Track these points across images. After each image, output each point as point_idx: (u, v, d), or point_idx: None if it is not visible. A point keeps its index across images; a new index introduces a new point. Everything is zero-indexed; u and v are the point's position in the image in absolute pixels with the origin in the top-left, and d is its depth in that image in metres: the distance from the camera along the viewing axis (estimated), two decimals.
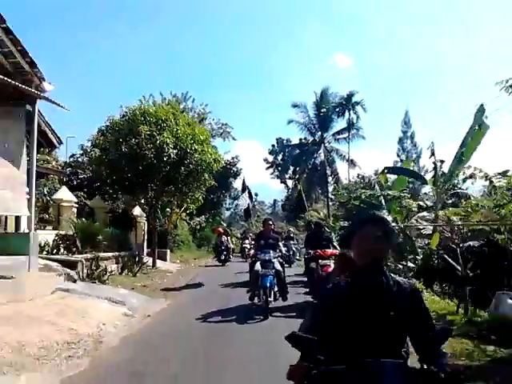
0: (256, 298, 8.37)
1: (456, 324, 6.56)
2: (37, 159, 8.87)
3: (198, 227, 25.34)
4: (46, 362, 4.99)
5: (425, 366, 1.85)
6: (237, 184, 31.54)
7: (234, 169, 28.50)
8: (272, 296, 8.22)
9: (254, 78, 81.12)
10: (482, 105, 11.79)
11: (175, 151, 12.35)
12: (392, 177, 16.82)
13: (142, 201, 15.08)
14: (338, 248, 9.19)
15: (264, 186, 72.05)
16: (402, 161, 41.06)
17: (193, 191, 14.89)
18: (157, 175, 13.00)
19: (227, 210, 40.84)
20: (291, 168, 47.88)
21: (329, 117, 38.97)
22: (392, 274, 2.12)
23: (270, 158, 49.84)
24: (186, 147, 12.64)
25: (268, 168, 50.30)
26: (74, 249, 9.92)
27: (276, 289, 8.45)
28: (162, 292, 10.16)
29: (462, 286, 7.26)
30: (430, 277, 10.78)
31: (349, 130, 38.39)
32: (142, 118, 12.82)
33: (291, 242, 19.89)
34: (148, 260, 14.04)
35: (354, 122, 38.17)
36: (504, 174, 9.10)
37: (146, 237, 16.88)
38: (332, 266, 8.50)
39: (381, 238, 2.03)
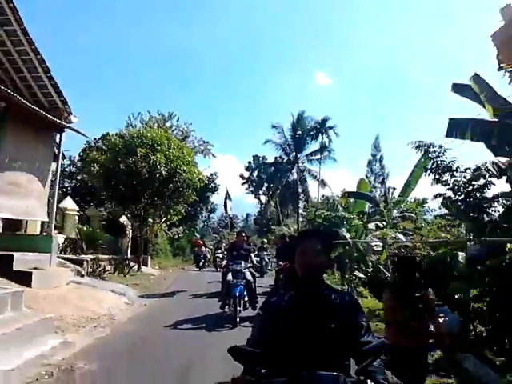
0: (227, 307, 8.62)
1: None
2: None
3: (176, 237, 27.16)
4: (80, 329, 6.93)
5: (362, 378, 1.85)
6: (214, 198, 33.49)
7: (213, 184, 30.49)
8: (242, 305, 8.40)
9: (238, 93, 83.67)
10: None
11: (166, 169, 14.37)
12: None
13: (129, 211, 16.97)
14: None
15: (238, 199, 74.08)
16: (369, 182, 44.25)
17: (177, 205, 16.88)
18: (148, 190, 14.96)
19: (203, 222, 42.73)
20: (265, 184, 50.34)
21: (303, 139, 41.65)
22: (333, 286, 2.26)
23: (246, 174, 52.19)
24: (175, 167, 14.67)
25: (243, 183, 52.61)
26: (79, 250, 11.73)
27: (246, 298, 8.65)
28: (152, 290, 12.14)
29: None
30: (378, 286, 13.04)
31: (321, 152, 41.12)
32: (140, 141, 14.80)
33: (265, 252, 20.57)
34: (134, 264, 15.87)
35: (327, 145, 40.91)
36: (422, 202, 11.45)
37: (130, 243, 18.71)
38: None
39: (320, 251, 2.11)
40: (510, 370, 5.56)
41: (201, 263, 21.06)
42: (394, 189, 16.58)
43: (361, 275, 13.98)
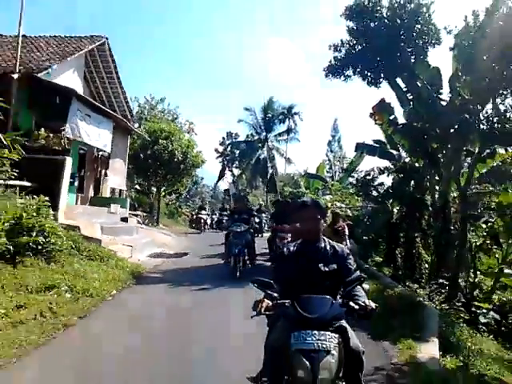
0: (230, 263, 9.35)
1: None
2: None
3: (169, 203, 33.39)
4: (164, 246, 13.32)
5: (345, 301, 2.71)
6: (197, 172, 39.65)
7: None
8: (241, 262, 9.17)
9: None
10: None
11: (180, 155, 20.53)
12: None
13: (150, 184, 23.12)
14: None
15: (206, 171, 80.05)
16: (329, 160, 51.61)
17: (183, 179, 23.17)
18: (166, 169, 21.11)
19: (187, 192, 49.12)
20: (238, 159, 56.56)
21: (272, 121, 48.06)
22: (330, 241, 3.11)
23: (220, 149, 58.21)
24: (186, 153, 20.85)
25: (218, 157, 58.59)
26: (132, 208, 17.94)
27: (246, 257, 9.50)
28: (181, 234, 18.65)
29: None
30: None
31: (288, 133, 47.80)
32: (159, 133, 20.78)
33: (263, 214, 22.36)
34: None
35: (293, 128, 47.56)
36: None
37: None
38: (288, 238, 9.48)
39: (317, 217, 3.00)
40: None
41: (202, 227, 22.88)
42: (342, 171, 23.11)
43: None
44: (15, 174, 8.70)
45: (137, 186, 25.27)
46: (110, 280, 7.49)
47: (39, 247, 7.67)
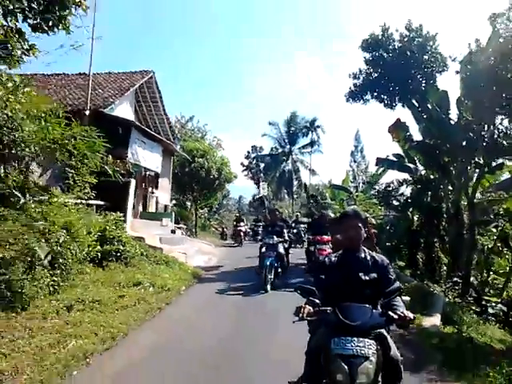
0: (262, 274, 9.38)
1: None
2: None
3: (201, 216, 35.43)
4: (209, 254, 15.15)
5: (384, 311, 2.84)
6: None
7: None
8: (273, 274, 9.32)
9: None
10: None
11: (216, 172, 22.49)
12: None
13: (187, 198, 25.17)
14: None
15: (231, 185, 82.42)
16: (353, 170, 52.93)
17: (217, 193, 25.10)
18: (202, 184, 23.09)
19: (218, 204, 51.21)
20: (262, 172, 58.61)
21: (296, 134, 49.96)
22: (370, 251, 3.21)
23: (246, 162, 60.39)
24: (221, 170, 22.80)
25: (243, 171, 60.77)
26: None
27: (279, 270, 9.68)
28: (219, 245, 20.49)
29: None
30: None
31: (311, 146, 49.53)
32: (196, 152, 22.82)
33: (301, 225, 21.09)
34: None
35: (316, 140, 49.26)
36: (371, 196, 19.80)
37: None
38: (327, 249, 9.81)
39: (359, 226, 3.10)
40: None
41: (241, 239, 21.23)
42: (365, 183, 24.64)
43: None
44: (94, 194, 10.69)
45: (173, 201, 27.44)
46: (178, 279, 9.31)
47: (119, 254, 9.59)
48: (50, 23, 7.34)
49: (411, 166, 14.87)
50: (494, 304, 11.16)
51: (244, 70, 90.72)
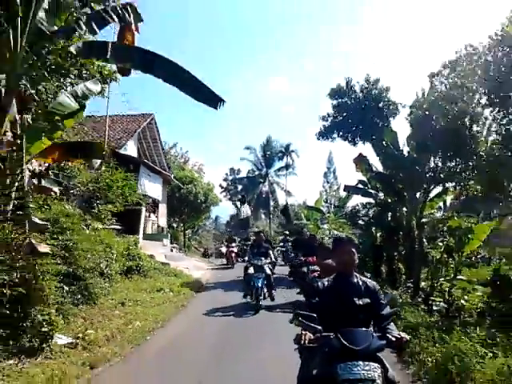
0: (248, 297, 9.91)
1: None
2: None
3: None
4: (202, 270, 17.49)
5: (381, 334, 2.96)
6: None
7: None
8: (262, 295, 9.65)
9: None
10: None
11: (204, 197, 24.96)
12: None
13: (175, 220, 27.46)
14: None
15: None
16: (326, 190, 56.27)
17: (202, 215, 27.54)
18: (189, 208, 25.50)
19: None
20: (240, 193, 61.30)
21: (272, 158, 53.13)
22: (361, 276, 3.33)
23: (224, 184, 63.03)
24: (208, 195, 25.29)
25: (221, 192, 63.32)
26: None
27: (265, 290, 9.93)
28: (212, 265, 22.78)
29: None
30: None
31: (286, 169, 52.76)
32: (185, 179, 25.28)
33: (289, 244, 21.96)
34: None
35: (290, 164, 52.54)
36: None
37: None
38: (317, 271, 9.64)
39: (352, 252, 3.25)
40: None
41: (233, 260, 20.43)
42: (335, 206, 27.56)
43: None
44: (114, 220, 13.02)
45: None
46: (188, 287, 11.72)
47: (139, 268, 11.93)
48: None
49: (373, 191, 17.73)
50: (437, 303, 13.90)
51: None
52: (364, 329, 2.98)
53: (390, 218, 17.60)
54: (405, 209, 16.73)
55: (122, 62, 6.43)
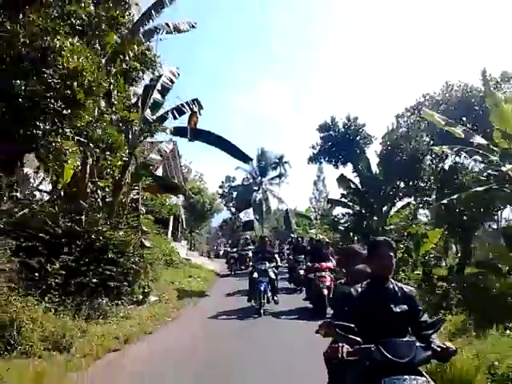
0: (253, 301, 10.06)
1: None
2: None
3: None
4: (212, 263, 21.55)
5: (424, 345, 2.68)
6: None
7: None
8: (265, 299, 9.83)
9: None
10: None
11: (210, 205, 29.04)
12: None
13: None
14: (333, 261, 10.84)
15: None
16: (315, 197, 60.81)
17: (206, 221, 31.67)
18: (196, 214, 29.55)
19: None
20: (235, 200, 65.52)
21: (266, 168, 57.50)
22: (396, 282, 3.05)
23: (220, 191, 67.15)
24: (212, 203, 29.39)
25: (218, 198, 67.43)
26: None
27: (269, 294, 10.10)
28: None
29: None
30: None
31: (279, 178, 57.27)
32: (193, 189, 29.33)
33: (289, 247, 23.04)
34: None
35: (283, 173, 57.06)
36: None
37: None
38: (327, 277, 10.18)
39: (391, 256, 2.96)
40: None
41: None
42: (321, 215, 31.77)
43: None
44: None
45: None
46: (209, 275, 15.84)
47: (172, 261, 15.99)
48: None
49: (351, 204, 22.04)
50: None
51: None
52: (407, 339, 2.79)
53: (364, 226, 21.89)
54: (375, 218, 21.05)
55: (194, 139, 10.68)
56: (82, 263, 7.82)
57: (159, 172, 21.66)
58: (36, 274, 7.10)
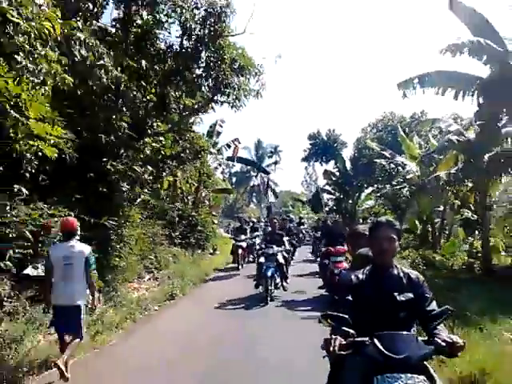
0: (260, 287, 9.45)
1: None
2: None
3: None
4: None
5: (427, 338, 2.39)
6: None
7: None
8: (273, 285, 9.27)
9: None
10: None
11: None
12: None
13: None
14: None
15: None
16: (307, 181, 68.75)
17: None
18: None
19: None
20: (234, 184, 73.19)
21: (263, 156, 65.07)
22: (402, 267, 2.75)
23: (221, 177, 74.48)
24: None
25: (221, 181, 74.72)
26: None
27: (278, 280, 9.55)
28: None
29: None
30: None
31: (275, 164, 64.97)
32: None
33: (302, 226, 25.71)
34: None
35: (278, 161, 64.78)
36: None
37: None
38: (343, 261, 9.26)
39: (392, 238, 2.61)
40: None
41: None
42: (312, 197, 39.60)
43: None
44: None
45: None
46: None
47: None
48: None
49: (333, 191, 29.98)
50: None
51: None
52: (405, 332, 2.42)
53: (343, 207, 29.79)
54: (350, 201, 29.01)
55: (241, 163, 18.47)
56: (188, 231, 15.62)
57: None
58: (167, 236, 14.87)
